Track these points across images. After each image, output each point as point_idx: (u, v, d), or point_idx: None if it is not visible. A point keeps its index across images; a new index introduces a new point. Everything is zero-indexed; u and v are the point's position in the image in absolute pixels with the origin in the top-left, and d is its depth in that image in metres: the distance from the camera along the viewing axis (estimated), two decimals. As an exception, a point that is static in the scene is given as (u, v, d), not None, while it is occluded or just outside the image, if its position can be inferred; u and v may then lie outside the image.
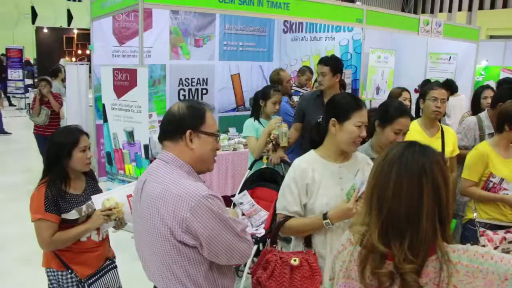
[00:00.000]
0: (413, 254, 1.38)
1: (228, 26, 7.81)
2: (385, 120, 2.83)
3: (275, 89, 4.34)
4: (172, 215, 1.71)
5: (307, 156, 2.46)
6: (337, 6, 6.67)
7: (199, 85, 7.62)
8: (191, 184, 1.76)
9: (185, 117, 1.87)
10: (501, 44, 12.21)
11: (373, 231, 1.42)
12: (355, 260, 1.51)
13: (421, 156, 1.45)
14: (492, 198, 3.31)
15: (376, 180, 1.46)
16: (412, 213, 1.40)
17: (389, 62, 8.32)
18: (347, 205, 2.19)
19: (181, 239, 1.72)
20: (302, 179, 2.34)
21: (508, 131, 3.30)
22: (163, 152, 1.90)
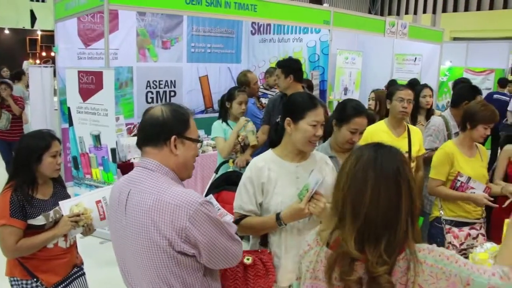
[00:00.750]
0: (388, 256, 1.39)
1: (195, 28, 7.77)
2: (342, 120, 2.84)
3: (239, 90, 4.35)
4: (171, 225, 1.64)
5: (264, 155, 2.46)
6: (305, 8, 6.73)
7: (167, 88, 7.55)
8: (184, 192, 1.70)
9: (170, 122, 1.78)
10: (464, 46, 12.57)
11: (348, 239, 1.40)
12: (322, 261, 1.50)
13: (393, 158, 1.47)
14: (459, 197, 3.39)
15: (350, 187, 1.44)
16: (390, 216, 1.41)
17: (357, 63, 8.44)
18: (299, 205, 2.17)
19: (180, 249, 1.66)
20: (258, 178, 2.33)
21: (469, 129, 3.39)
22: (145, 159, 1.79)
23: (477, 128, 3.35)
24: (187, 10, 5.51)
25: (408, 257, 1.41)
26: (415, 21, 23.37)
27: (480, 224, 3.46)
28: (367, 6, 26.14)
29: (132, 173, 1.82)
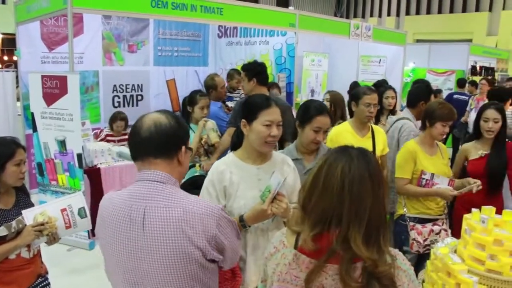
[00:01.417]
0: (387, 252, 1.43)
1: (162, 31, 7.71)
2: (304, 120, 2.86)
3: (201, 94, 4.33)
4: (203, 235, 1.61)
5: (226, 158, 2.45)
6: (270, 11, 6.79)
7: (134, 91, 7.48)
8: (204, 200, 1.71)
9: (180, 131, 1.74)
10: (426, 48, 12.89)
11: (357, 241, 1.39)
12: (290, 264, 1.50)
13: (374, 158, 1.53)
14: (427, 193, 3.47)
15: (351, 191, 1.43)
16: (382, 216, 1.46)
17: (323, 65, 8.55)
18: (261, 207, 2.17)
19: (211, 257, 1.65)
20: (220, 182, 2.33)
21: (429, 127, 3.50)
22: (153, 171, 1.68)
23: (436, 126, 3.46)
24: (153, 14, 5.49)
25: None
26: (380, 23, 23.85)
27: (442, 220, 3.57)
28: (333, 9, 26.47)
29: (138, 189, 1.69)
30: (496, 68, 14.41)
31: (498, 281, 1.90)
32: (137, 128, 1.70)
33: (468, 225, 2.07)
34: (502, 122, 3.66)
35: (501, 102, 5.48)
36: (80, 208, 2.62)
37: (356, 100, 3.74)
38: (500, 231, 1.95)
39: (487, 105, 3.81)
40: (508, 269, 1.89)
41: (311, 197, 1.49)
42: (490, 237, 1.94)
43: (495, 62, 14.44)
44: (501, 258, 1.90)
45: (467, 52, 12.10)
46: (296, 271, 1.49)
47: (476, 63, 12.78)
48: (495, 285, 1.91)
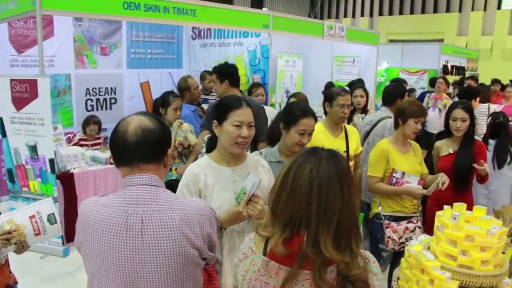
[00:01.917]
0: (359, 255, 1.42)
1: (135, 34, 7.64)
2: (289, 122, 2.86)
3: (174, 95, 4.28)
4: (201, 235, 1.64)
5: (200, 161, 2.44)
6: (244, 12, 6.79)
7: (107, 95, 7.38)
8: (193, 200, 1.75)
9: (166, 135, 1.72)
10: (399, 47, 13.06)
11: (328, 247, 1.37)
12: (259, 270, 1.49)
13: (344, 160, 1.51)
14: (397, 191, 3.52)
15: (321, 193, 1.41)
16: (353, 217, 1.45)
17: (297, 66, 8.58)
18: (237, 209, 2.16)
19: (205, 255, 1.68)
20: (194, 185, 2.31)
21: (401, 125, 3.55)
22: (144, 175, 1.65)
23: (408, 123, 3.51)
24: (125, 16, 5.42)
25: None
26: (353, 24, 24.08)
27: (416, 217, 3.62)
28: (307, 10, 26.62)
29: (131, 193, 1.64)
30: (467, 67, 14.68)
31: (470, 276, 1.93)
32: (121, 132, 1.65)
33: (440, 222, 2.10)
34: (470, 120, 3.74)
35: (470, 100, 5.59)
36: (49, 214, 2.56)
37: (330, 101, 3.75)
38: (471, 227, 1.98)
39: (455, 105, 3.90)
40: (479, 264, 1.92)
41: (280, 199, 1.47)
42: (462, 233, 1.97)
43: (465, 61, 14.72)
44: (472, 253, 1.93)
45: (438, 52, 12.30)
46: (266, 277, 1.47)
47: (448, 62, 12.99)
48: (467, 280, 1.93)
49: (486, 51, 21.34)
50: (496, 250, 1.95)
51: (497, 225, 2.00)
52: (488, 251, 1.93)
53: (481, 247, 1.93)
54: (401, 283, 2.18)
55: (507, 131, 4.35)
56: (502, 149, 4.23)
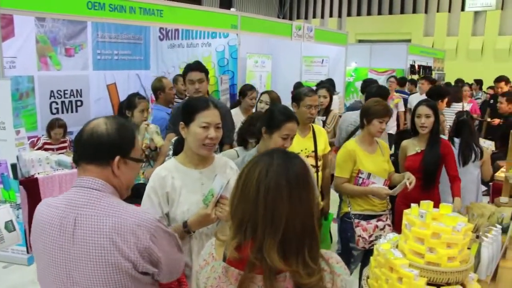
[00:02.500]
0: (314, 264, 1.36)
1: (101, 34, 7.49)
2: (272, 127, 2.82)
3: (139, 97, 4.18)
4: (135, 247, 1.54)
5: (167, 164, 2.39)
6: (212, 13, 6.74)
7: (73, 97, 7.21)
8: (140, 210, 1.63)
9: (115, 141, 1.65)
10: (367, 48, 13.24)
11: (271, 253, 1.32)
12: (220, 277, 1.45)
13: (300, 164, 1.45)
14: (363, 191, 3.54)
15: (266, 197, 1.36)
16: (308, 222, 1.38)
17: (266, 66, 8.57)
18: (205, 211, 2.13)
19: (143, 270, 1.57)
20: (162, 188, 2.26)
21: (367, 125, 3.57)
22: (88, 178, 1.63)
23: (373, 123, 3.53)
24: (90, 16, 5.30)
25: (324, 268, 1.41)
26: (322, 24, 24.30)
27: (386, 215, 3.65)
28: (276, 10, 26.73)
29: (73, 195, 1.63)
30: (433, 67, 14.99)
31: (437, 273, 1.94)
32: (81, 131, 1.68)
33: (407, 220, 2.10)
34: (434, 118, 3.79)
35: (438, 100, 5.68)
36: (7, 222, 2.47)
37: (297, 102, 3.75)
38: (437, 224, 1.99)
39: (420, 102, 3.96)
40: (446, 260, 1.93)
41: (233, 202, 1.44)
42: (429, 231, 1.97)
43: (432, 61, 15.02)
44: (439, 250, 1.94)
45: (405, 52, 12.52)
46: (226, 284, 1.43)
47: (415, 62, 13.23)
48: (434, 276, 1.94)
49: (452, 51, 21.86)
50: (462, 246, 1.97)
51: (462, 222, 2.01)
52: (454, 248, 1.95)
53: (448, 244, 1.94)
54: (371, 281, 2.18)
55: (470, 129, 4.43)
56: (466, 147, 4.32)
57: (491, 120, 7.66)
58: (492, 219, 2.86)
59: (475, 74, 16.14)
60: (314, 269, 1.35)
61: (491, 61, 21.49)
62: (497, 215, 2.91)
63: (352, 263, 3.69)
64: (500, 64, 19.66)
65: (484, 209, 3.05)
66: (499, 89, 8.16)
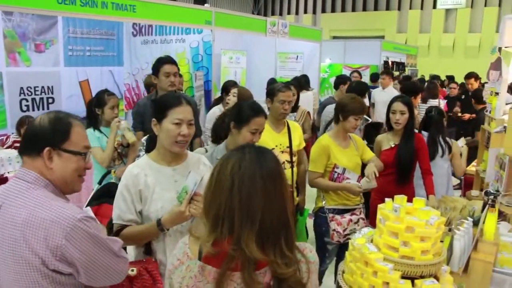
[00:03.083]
0: (291, 253, 1.39)
1: (72, 30, 7.32)
2: (241, 121, 2.83)
3: (109, 93, 4.09)
4: (44, 243, 1.51)
5: (139, 161, 2.37)
6: (185, 8, 6.66)
7: (43, 94, 7.03)
8: (63, 207, 1.57)
9: (46, 132, 1.65)
10: (342, 44, 13.33)
11: (249, 245, 1.34)
12: (196, 276, 1.44)
13: (272, 158, 1.47)
14: (336, 187, 3.57)
15: (241, 192, 1.38)
16: (283, 214, 1.41)
17: (241, 62, 8.55)
18: (179, 209, 2.11)
19: (54, 268, 1.54)
20: (134, 186, 2.23)
21: (342, 121, 3.59)
22: (23, 169, 1.67)
23: (349, 120, 3.56)
24: (60, 11, 5.17)
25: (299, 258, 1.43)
26: (297, 21, 24.39)
27: (359, 209, 3.70)
28: (250, 7, 26.70)
29: (8, 185, 1.67)
30: (406, 63, 15.20)
31: (411, 266, 1.96)
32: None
33: (382, 214, 2.11)
34: (409, 114, 3.84)
35: (412, 96, 5.76)
36: None
37: (271, 97, 3.76)
38: (411, 218, 2.00)
39: (395, 98, 4.00)
40: (419, 253, 1.95)
41: (208, 197, 1.44)
42: (402, 225, 1.99)
43: (405, 57, 15.23)
44: (412, 244, 1.96)
45: (379, 48, 12.66)
46: (203, 283, 1.42)
47: (388, 58, 13.39)
48: (409, 269, 1.96)
49: (424, 47, 22.25)
50: (435, 240, 1.99)
51: (435, 215, 2.04)
52: (427, 241, 1.97)
53: (421, 237, 1.96)
54: (346, 276, 2.19)
55: (437, 125, 4.50)
56: (432, 142, 4.38)
57: (462, 115, 7.81)
58: (464, 212, 2.91)
59: (447, 70, 16.46)
60: (291, 259, 1.38)
61: (461, 58, 21.96)
62: (469, 208, 2.95)
63: (327, 257, 3.72)
64: (470, 61, 20.10)
65: (456, 203, 3.09)
66: (469, 85, 8.31)
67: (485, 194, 2.84)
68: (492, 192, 2.73)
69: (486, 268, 2.47)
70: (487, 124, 4.35)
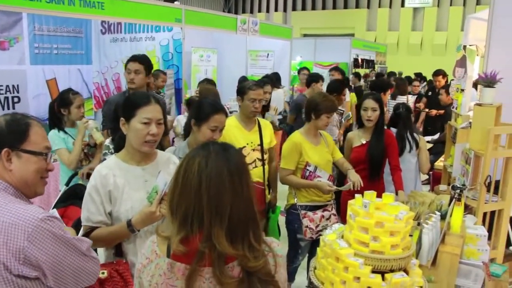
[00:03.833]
0: (259, 246, 1.41)
1: (38, 27, 7.14)
2: (201, 119, 2.82)
3: (73, 92, 4.01)
4: (5, 247, 1.45)
5: (108, 161, 2.32)
6: (155, 6, 6.59)
7: (8, 93, 6.82)
8: (23, 208, 1.52)
9: (2, 133, 1.61)
10: (312, 42, 13.43)
11: (220, 240, 1.35)
12: (165, 274, 1.43)
13: (238, 154, 1.49)
14: (307, 185, 3.60)
15: (209, 188, 1.38)
16: (250, 209, 1.42)
17: (212, 60, 8.52)
18: (149, 209, 2.08)
19: (18, 272, 1.47)
20: (103, 187, 2.19)
21: (314, 119, 3.61)
22: None
23: (321, 118, 3.59)
24: (24, 7, 5.04)
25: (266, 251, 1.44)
26: (268, 19, 24.40)
27: (331, 205, 3.73)
28: (221, 5, 26.61)
29: None
30: (376, 60, 15.42)
31: (381, 260, 1.98)
32: None
33: (352, 210, 2.14)
34: (380, 110, 3.90)
35: (381, 92, 5.84)
36: None
37: (241, 95, 3.75)
38: (380, 213, 2.03)
39: (366, 95, 4.05)
40: (389, 248, 1.98)
41: (174, 196, 1.43)
42: (372, 220, 2.01)
43: (374, 55, 15.44)
44: (382, 238, 1.99)
45: (349, 46, 12.80)
46: (172, 280, 1.42)
47: (358, 56, 13.55)
48: (379, 264, 1.98)
49: (393, 45, 22.60)
50: (404, 234, 2.02)
51: (404, 210, 2.07)
52: (396, 236, 1.99)
53: (390, 232, 1.99)
54: (318, 272, 2.20)
55: (404, 122, 4.59)
56: (400, 138, 4.45)
57: (429, 111, 7.96)
58: (432, 207, 2.96)
59: (415, 68, 16.75)
60: (259, 252, 1.40)
61: (429, 55, 22.39)
62: (437, 203, 3.01)
63: (300, 254, 3.74)
64: (438, 58, 20.52)
65: (425, 197, 3.15)
66: (437, 82, 8.47)
67: (452, 189, 2.90)
68: (458, 186, 2.80)
69: (453, 260, 2.52)
70: (453, 120, 4.44)
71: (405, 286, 1.93)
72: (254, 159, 3.71)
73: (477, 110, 3.50)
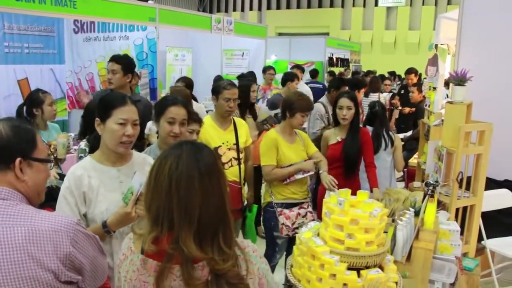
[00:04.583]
0: (228, 249, 1.39)
1: (8, 25, 6.96)
2: (159, 113, 2.76)
3: (43, 92, 3.94)
4: (55, 255, 1.41)
5: (82, 162, 2.29)
6: (129, 5, 6.52)
7: (-22, 94, 6.70)
8: (55, 215, 1.48)
9: (12, 142, 1.50)
10: (287, 41, 13.50)
11: (187, 243, 1.34)
12: (138, 270, 1.44)
13: (209, 154, 1.47)
14: (292, 170, 3.60)
15: (179, 189, 1.37)
16: (221, 210, 1.41)
17: (187, 59, 8.48)
18: (125, 210, 2.05)
19: (66, 279, 1.44)
20: (78, 188, 2.16)
21: (289, 117, 3.63)
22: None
23: (296, 116, 3.60)
24: (-8, 5, 4.94)
25: (239, 255, 1.44)
26: (242, 18, 24.39)
27: (307, 203, 3.75)
28: (196, 4, 26.48)
29: None
30: (350, 59, 15.58)
31: (356, 257, 2.00)
32: None
33: (327, 208, 2.15)
34: (355, 109, 3.94)
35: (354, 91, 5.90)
36: None
37: (216, 95, 3.74)
38: (355, 211, 2.05)
39: (341, 94, 4.09)
40: (364, 245, 2.00)
41: (147, 196, 1.44)
42: (347, 218, 2.03)
43: (349, 53, 15.60)
44: (357, 235, 2.01)
45: (324, 45, 12.91)
46: (145, 276, 1.43)
47: (333, 54, 13.67)
48: (354, 261, 2.00)
49: (367, 44, 22.85)
50: (378, 231, 2.05)
51: (378, 207, 2.09)
52: (371, 232, 2.02)
53: (365, 229, 2.01)
54: (295, 270, 2.21)
55: (380, 120, 4.65)
56: (376, 136, 4.51)
57: (402, 108, 8.08)
58: (407, 203, 3.00)
59: (389, 66, 16.98)
60: (228, 255, 1.39)
61: (403, 54, 22.72)
62: (411, 199, 3.06)
63: (277, 252, 3.76)
64: (411, 57, 20.85)
65: (399, 194, 3.19)
66: (409, 80, 8.60)
67: (425, 185, 2.95)
68: (432, 183, 2.85)
69: (427, 255, 2.57)
70: (426, 118, 4.52)
71: (380, 282, 1.95)
72: (230, 158, 3.71)
73: (449, 108, 3.57)
